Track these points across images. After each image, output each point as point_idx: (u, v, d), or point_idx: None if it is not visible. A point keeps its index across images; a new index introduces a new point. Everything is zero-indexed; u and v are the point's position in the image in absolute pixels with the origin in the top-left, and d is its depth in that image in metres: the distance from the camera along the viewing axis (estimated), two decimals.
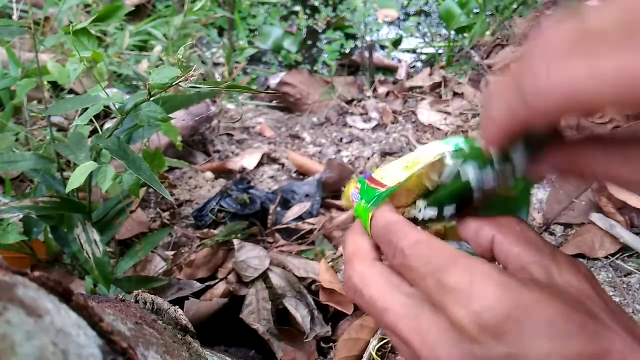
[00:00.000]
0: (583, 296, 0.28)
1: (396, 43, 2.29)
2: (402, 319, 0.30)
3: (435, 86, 1.66)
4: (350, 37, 2.36)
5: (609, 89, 0.23)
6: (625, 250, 0.95)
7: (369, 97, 1.69)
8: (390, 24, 2.45)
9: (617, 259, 0.95)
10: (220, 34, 2.31)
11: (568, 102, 0.24)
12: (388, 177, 0.36)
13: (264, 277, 0.90)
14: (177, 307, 0.56)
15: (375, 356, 0.79)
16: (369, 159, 1.37)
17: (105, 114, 1.20)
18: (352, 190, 0.39)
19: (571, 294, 0.28)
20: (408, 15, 2.50)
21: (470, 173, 0.32)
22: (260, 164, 1.35)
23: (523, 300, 0.26)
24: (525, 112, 0.26)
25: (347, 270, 0.34)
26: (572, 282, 0.29)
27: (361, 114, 1.59)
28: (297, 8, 2.51)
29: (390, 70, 2.06)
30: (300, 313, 0.85)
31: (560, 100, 0.24)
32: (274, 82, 1.83)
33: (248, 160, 1.33)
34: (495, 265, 0.28)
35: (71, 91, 1.32)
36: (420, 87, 1.68)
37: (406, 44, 2.31)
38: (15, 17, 0.78)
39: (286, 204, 1.13)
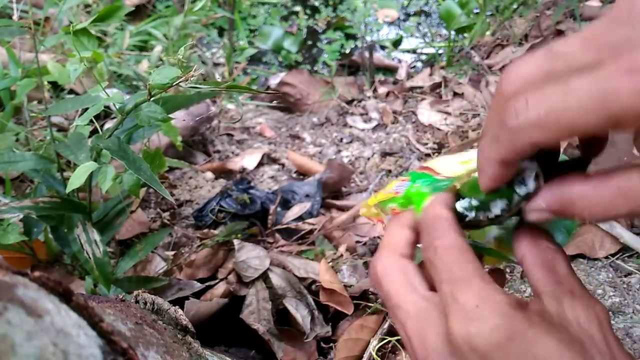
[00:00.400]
0: (585, 335, 0.29)
1: (396, 43, 2.29)
2: (411, 319, 0.32)
3: (435, 86, 1.66)
4: (350, 37, 2.36)
5: (587, 111, 0.23)
6: (625, 250, 0.95)
7: (369, 97, 1.69)
8: (390, 24, 2.45)
9: (617, 259, 0.95)
10: (220, 34, 2.31)
11: (552, 132, 0.25)
12: (441, 167, 0.37)
13: (264, 277, 0.90)
14: (177, 307, 0.56)
15: (375, 356, 0.79)
16: (369, 159, 1.37)
17: (105, 114, 1.20)
18: (395, 185, 0.40)
19: (573, 331, 0.29)
20: (408, 15, 2.50)
21: (458, 206, 0.34)
22: (260, 164, 1.35)
23: (519, 334, 0.27)
24: (512, 150, 0.27)
25: (375, 258, 0.36)
26: (580, 318, 0.29)
27: (361, 114, 1.59)
28: (297, 8, 2.51)
29: (390, 70, 2.06)
30: (300, 313, 0.85)
31: (543, 131, 0.25)
32: (274, 82, 1.83)
33: (248, 160, 1.33)
34: (509, 296, 0.29)
35: (71, 91, 1.32)
36: (420, 87, 1.68)
37: (406, 44, 2.31)
38: (15, 17, 0.78)
39: (286, 204, 1.13)
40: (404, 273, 0.34)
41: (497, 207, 0.32)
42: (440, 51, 2.07)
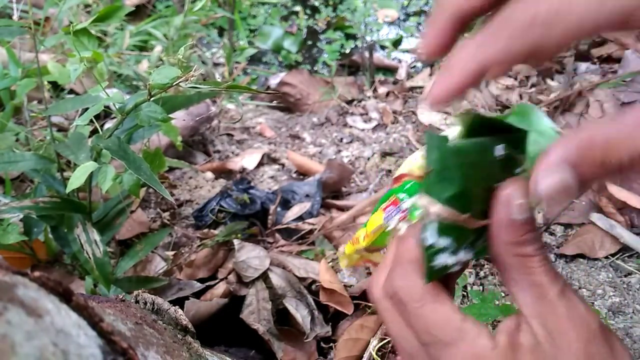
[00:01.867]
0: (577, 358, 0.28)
1: (396, 43, 2.29)
2: (402, 354, 0.34)
3: None
4: (350, 37, 2.36)
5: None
6: (625, 250, 0.95)
7: (369, 97, 1.69)
8: (390, 24, 2.45)
9: (617, 259, 0.95)
10: (220, 34, 2.31)
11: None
12: (412, 166, 0.37)
13: (264, 277, 0.90)
14: (177, 307, 0.56)
15: (375, 356, 0.79)
16: (369, 159, 1.37)
17: (105, 114, 1.20)
18: (384, 210, 0.39)
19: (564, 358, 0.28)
20: (408, 15, 2.50)
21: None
22: (260, 164, 1.35)
23: None
24: (507, 47, 0.27)
25: (373, 280, 0.36)
26: (572, 343, 0.28)
27: (361, 114, 1.59)
28: (297, 8, 2.51)
29: (390, 70, 2.06)
30: (300, 313, 0.85)
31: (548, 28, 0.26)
32: (274, 82, 1.83)
33: (248, 160, 1.33)
34: (501, 343, 0.30)
35: (71, 91, 1.32)
36: (420, 87, 1.68)
37: (406, 44, 2.30)
38: (15, 17, 0.77)
39: (286, 204, 1.13)
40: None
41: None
42: None
